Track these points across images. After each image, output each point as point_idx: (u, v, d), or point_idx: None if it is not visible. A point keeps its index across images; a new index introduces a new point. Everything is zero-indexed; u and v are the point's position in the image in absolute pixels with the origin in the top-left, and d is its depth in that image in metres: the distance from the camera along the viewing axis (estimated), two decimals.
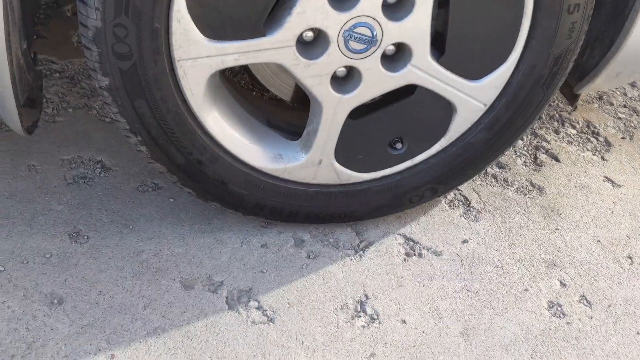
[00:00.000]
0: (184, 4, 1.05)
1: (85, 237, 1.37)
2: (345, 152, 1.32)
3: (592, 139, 1.86)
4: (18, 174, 1.47)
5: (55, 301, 1.24)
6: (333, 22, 1.12)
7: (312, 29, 1.14)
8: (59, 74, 1.70)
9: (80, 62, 1.73)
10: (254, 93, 1.59)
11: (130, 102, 1.14)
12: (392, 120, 1.31)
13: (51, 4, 1.92)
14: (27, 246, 1.33)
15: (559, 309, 1.37)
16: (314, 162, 1.31)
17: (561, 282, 1.43)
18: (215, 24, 1.08)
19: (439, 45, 1.23)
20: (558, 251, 1.51)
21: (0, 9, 1.00)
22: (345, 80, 1.23)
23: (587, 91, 1.48)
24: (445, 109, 1.31)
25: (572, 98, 1.58)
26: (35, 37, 1.50)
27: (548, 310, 1.37)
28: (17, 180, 1.45)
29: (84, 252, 1.33)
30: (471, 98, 1.31)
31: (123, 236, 1.38)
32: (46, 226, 1.37)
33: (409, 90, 1.27)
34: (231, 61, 1.12)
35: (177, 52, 1.10)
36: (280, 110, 1.49)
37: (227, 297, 1.30)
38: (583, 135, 1.87)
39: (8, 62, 1.07)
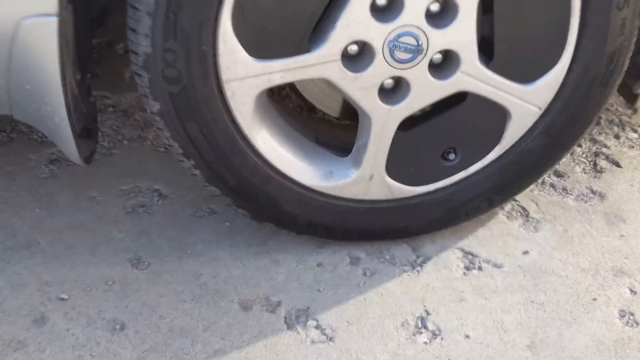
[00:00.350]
0: (230, 26, 1.07)
1: (146, 263, 1.39)
2: (397, 166, 1.30)
3: None
4: (80, 205, 1.51)
5: (118, 327, 1.25)
6: (377, 34, 1.12)
7: (356, 42, 1.14)
8: (113, 108, 1.76)
9: (133, 96, 1.79)
10: (302, 111, 1.60)
11: (181, 125, 1.16)
12: (444, 130, 1.29)
13: (104, 44, 1.99)
14: (90, 274, 1.35)
15: (632, 317, 1.31)
16: (365, 178, 1.30)
17: (631, 290, 1.37)
18: (261, 43, 1.10)
19: (487, 50, 1.21)
20: (625, 258, 1.44)
21: (55, 42, 1.04)
22: (393, 91, 1.22)
23: None
24: (498, 115, 1.29)
25: (631, 98, 1.53)
26: (89, 75, 1.56)
27: (620, 319, 1.30)
28: (79, 212, 1.49)
29: (145, 278, 1.35)
30: (525, 102, 1.28)
31: (182, 261, 1.39)
32: (108, 254, 1.40)
33: (460, 98, 1.25)
34: (278, 79, 1.13)
35: (225, 73, 1.11)
36: (329, 127, 1.49)
37: (285, 317, 1.29)
38: None
39: (63, 92, 1.11)
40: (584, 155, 1.72)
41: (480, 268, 1.41)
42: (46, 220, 1.47)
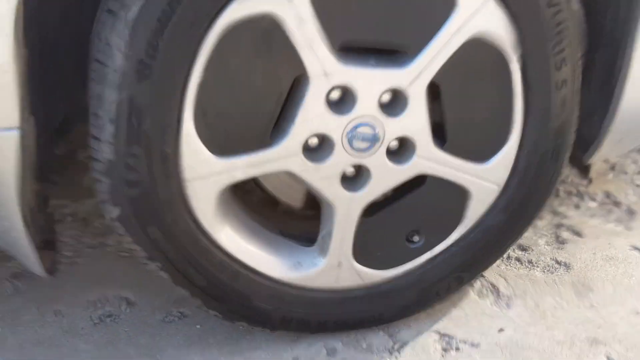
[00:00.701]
0: (192, 127, 1.10)
1: None
2: (364, 251, 1.31)
3: (615, 209, 1.84)
4: (45, 320, 1.47)
5: None
6: (335, 126, 1.16)
7: (315, 135, 1.17)
8: (72, 217, 1.74)
9: (92, 202, 1.78)
10: (264, 204, 1.61)
11: (142, 229, 1.16)
12: (407, 213, 1.31)
13: (68, 152, 2.00)
14: None
15: None
16: (333, 266, 1.30)
17: (608, 358, 1.37)
18: (223, 141, 1.12)
19: (441, 134, 1.26)
20: (598, 328, 1.45)
21: (14, 156, 1.05)
22: (354, 179, 1.25)
23: (595, 160, 1.49)
24: (459, 195, 1.32)
25: (584, 169, 1.60)
26: (48, 184, 1.55)
27: None
28: (44, 328, 1.45)
29: None
30: (483, 180, 1.32)
31: None
32: None
33: (420, 180, 1.29)
34: (240, 175, 1.15)
35: (187, 173, 1.13)
36: (293, 218, 1.50)
37: None
38: (605, 206, 1.85)
39: (20, 206, 1.10)
40: (545, 227, 1.76)
41: (457, 349, 1.40)
42: (9, 338, 1.41)
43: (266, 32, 1.06)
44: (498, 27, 1.17)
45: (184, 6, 1.00)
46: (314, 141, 1.19)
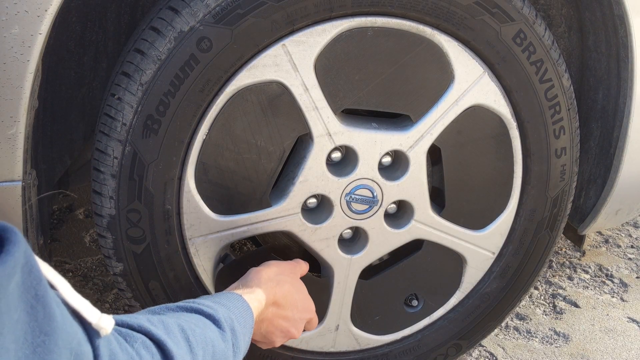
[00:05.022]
0: (194, 185, 1.11)
1: None
2: (362, 315, 1.30)
3: (608, 282, 1.84)
4: None
5: None
6: (334, 187, 1.18)
7: (315, 196, 1.19)
8: (72, 273, 1.73)
9: (93, 260, 1.77)
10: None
11: (144, 285, 1.16)
12: (404, 277, 1.31)
13: (64, 209, 2.01)
14: None
15: None
16: (330, 329, 1.29)
17: None
18: (224, 200, 1.14)
19: (439, 199, 1.28)
20: None
21: (19, 207, 1.06)
22: (352, 241, 1.26)
23: (590, 231, 1.50)
24: (455, 261, 1.32)
25: (578, 240, 1.60)
26: (49, 240, 1.55)
27: None
28: None
29: None
30: (478, 247, 1.32)
31: None
32: None
33: (417, 245, 1.29)
34: (240, 233, 1.16)
35: (189, 231, 1.13)
36: None
37: None
38: (597, 279, 1.85)
39: None
40: (542, 297, 1.76)
41: None
42: None
43: (272, 96, 1.09)
44: (495, 99, 1.21)
45: (196, 73, 1.04)
46: (312, 201, 1.20)
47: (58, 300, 0.57)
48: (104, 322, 0.62)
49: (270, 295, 1.01)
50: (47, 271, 0.58)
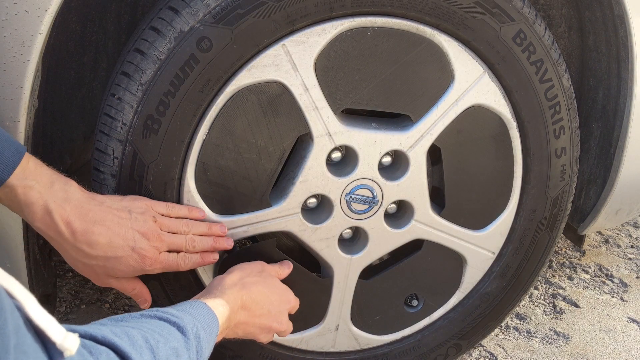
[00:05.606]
0: (194, 185, 1.11)
1: None
2: (362, 315, 1.30)
3: (608, 282, 1.84)
4: None
5: None
6: (334, 187, 1.18)
7: (315, 196, 1.19)
8: (72, 273, 1.73)
9: None
10: None
11: (145, 283, 1.15)
12: (404, 277, 1.31)
13: None
14: None
15: None
16: (330, 329, 1.29)
17: None
18: (223, 200, 1.14)
19: (439, 200, 1.28)
20: None
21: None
22: (352, 241, 1.26)
23: (590, 231, 1.51)
24: (455, 261, 1.32)
25: (578, 240, 1.60)
26: None
27: None
28: None
29: None
30: (478, 247, 1.32)
31: None
32: None
33: (417, 245, 1.29)
34: (240, 233, 1.16)
35: None
36: None
37: None
38: (597, 279, 1.85)
39: (25, 258, 1.10)
40: (542, 297, 1.76)
41: None
42: None
43: (272, 96, 1.09)
44: (495, 99, 1.21)
45: (196, 73, 1.04)
46: (312, 201, 1.20)
47: (19, 324, 0.57)
48: (68, 343, 0.61)
49: (237, 300, 1.00)
50: (14, 288, 0.58)
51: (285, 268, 1.16)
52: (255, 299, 1.04)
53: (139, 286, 1.07)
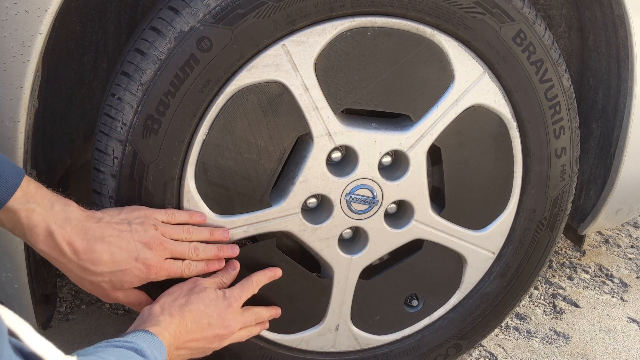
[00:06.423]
0: (194, 185, 1.11)
1: None
2: (362, 315, 1.30)
3: (608, 282, 1.84)
4: None
5: None
6: (334, 187, 1.18)
7: (315, 196, 1.19)
8: None
9: None
10: None
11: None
12: (405, 277, 1.31)
13: None
14: None
15: None
16: (330, 329, 1.29)
17: None
18: (223, 200, 1.14)
19: (439, 199, 1.28)
20: None
21: None
22: (352, 241, 1.26)
23: (590, 231, 1.51)
24: (455, 261, 1.32)
25: (578, 240, 1.60)
26: None
27: None
28: None
29: None
30: (478, 247, 1.32)
31: None
32: None
33: (417, 245, 1.29)
34: (240, 233, 1.16)
35: None
36: None
37: None
38: (597, 279, 1.85)
39: (25, 258, 1.10)
40: (542, 297, 1.76)
41: None
42: None
43: (272, 96, 1.09)
44: (495, 99, 1.21)
45: (196, 73, 1.04)
46: (312, 201, 1.20)
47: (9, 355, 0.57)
48: None
49: (172, 326, 0.99)
50: (9, 319, 0.58)
51: (231, 270, 1.12)
52: (190, 317, 1.03)
53: (144, 299, 1.07)
